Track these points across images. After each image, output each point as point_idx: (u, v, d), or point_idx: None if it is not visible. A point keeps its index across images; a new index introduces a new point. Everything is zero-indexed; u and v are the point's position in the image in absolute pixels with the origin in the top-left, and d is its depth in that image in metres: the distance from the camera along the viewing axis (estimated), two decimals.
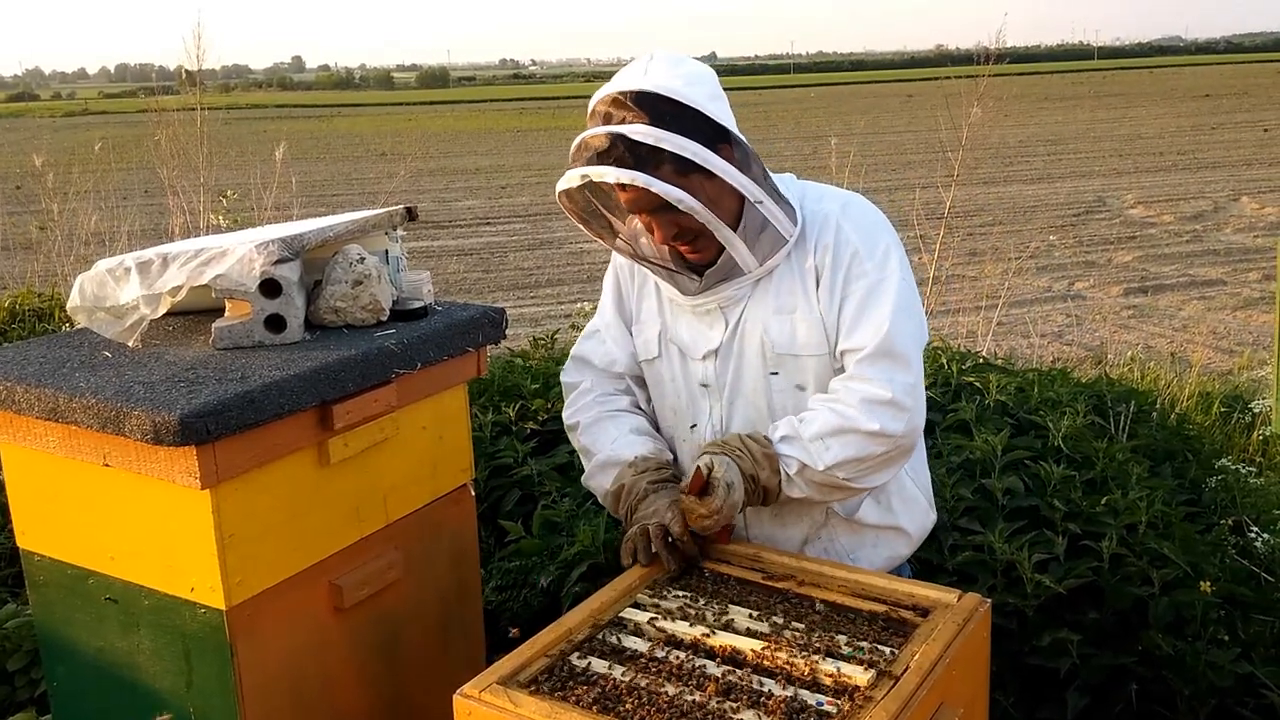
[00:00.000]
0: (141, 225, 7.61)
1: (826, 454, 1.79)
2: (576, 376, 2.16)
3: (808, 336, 1.88)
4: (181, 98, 7.16)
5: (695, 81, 1.77)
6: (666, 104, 1.73)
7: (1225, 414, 5.14)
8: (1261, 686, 2.45)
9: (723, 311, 1.93)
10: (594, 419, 2.09)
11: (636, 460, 1.98)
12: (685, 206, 1.74)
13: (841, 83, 63.53)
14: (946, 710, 1.52)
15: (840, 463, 1.79)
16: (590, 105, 1.81)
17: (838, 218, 1.88)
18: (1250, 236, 12.36)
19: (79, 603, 1.94)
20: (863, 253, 1.85)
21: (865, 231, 1.88)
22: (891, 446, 1.80)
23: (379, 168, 20.72)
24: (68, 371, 1.87)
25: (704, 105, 1.75)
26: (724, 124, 1.77)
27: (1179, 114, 28.85)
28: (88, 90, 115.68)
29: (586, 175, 1.77)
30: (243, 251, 1.94)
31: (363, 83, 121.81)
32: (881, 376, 1.80)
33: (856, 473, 1.81)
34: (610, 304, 2.13)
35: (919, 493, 2.04)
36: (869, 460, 1.80)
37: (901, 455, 1.84)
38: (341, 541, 1.96)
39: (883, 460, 1.82)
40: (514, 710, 1.45)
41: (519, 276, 11.68)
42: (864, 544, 1.99)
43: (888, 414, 1.78)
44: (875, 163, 17.77)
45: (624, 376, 2.12)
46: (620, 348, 2.11)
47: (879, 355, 1.81)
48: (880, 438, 1.79)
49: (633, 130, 1.71)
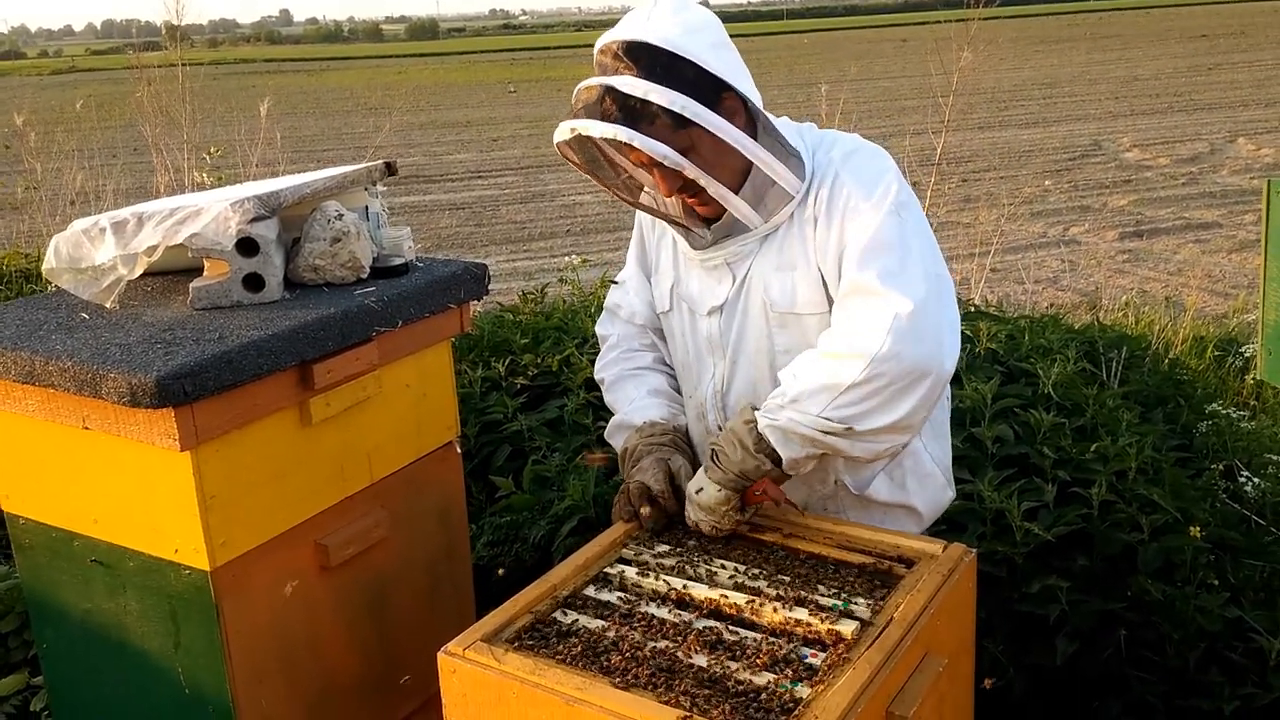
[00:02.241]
0: (127, 184, 7.53)
1: (796, 384, 1.69)
2: (607, 329, 2.16)
3: (808, 295, 1.82)
4: (165, 54, 7.05)
5: (694, 30, 1.69)
6: (660, 55, 1.66)
7: (1219, 358, 5.13)
8: (1250, 630, 2.46)
9: (730, 267, 1.89)
10: (616, 377, 2.09)
11: (644, 425, 1.97)
12: (671, 163, 1.68)
13: (835, 28, 62.83)
14: (931, 660, 1.52)
15: (810, 392, 1.66)
16: (594, 51, 1.75)
17: (837, 165, 1.79)
18: (1246, 178, 12.27)
19: (65, 565, 1.94)
20: (857, 195, 1.75)
21: (864, 175, 1.78)
22: (871, 370, 1.63)
23: (369, 121, 20.50)
24: (44, 334, 1.85)
25: (700, 56, 1.66)
26: (723, 76, 1.69)
27: (1175, 55, 28.53)
28: (75, 47, 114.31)
29: (575, 129, 1.72)
30: (218, 210, 1.92)
31: (351, 35, 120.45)
32: (863, 306, 1.68)
33: (838, 405, 1.65)
34: (634, 254, 2.12)
35: (936, 469, 1.99)
36: (849, 389, 1.64)
37: (896, 383, 1.64)
38: (326, 501, 1.95)
39: (870, 389, 1.64)
40: (498, 667, 1.45)
41: (511, 230, 11.58)
42: (870, 518, 1.93)
43: (861, 337, 1.64)
44: (869, 109, 17.61)
45: (646, 329, 2.12)
46: (640, 298, 2.10)
47: (859, 290, 1.70)
48: (850, 359, 1.64)
49: (621, 83, 1.65)
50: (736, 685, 1.39)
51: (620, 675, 1.42)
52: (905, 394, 1.66)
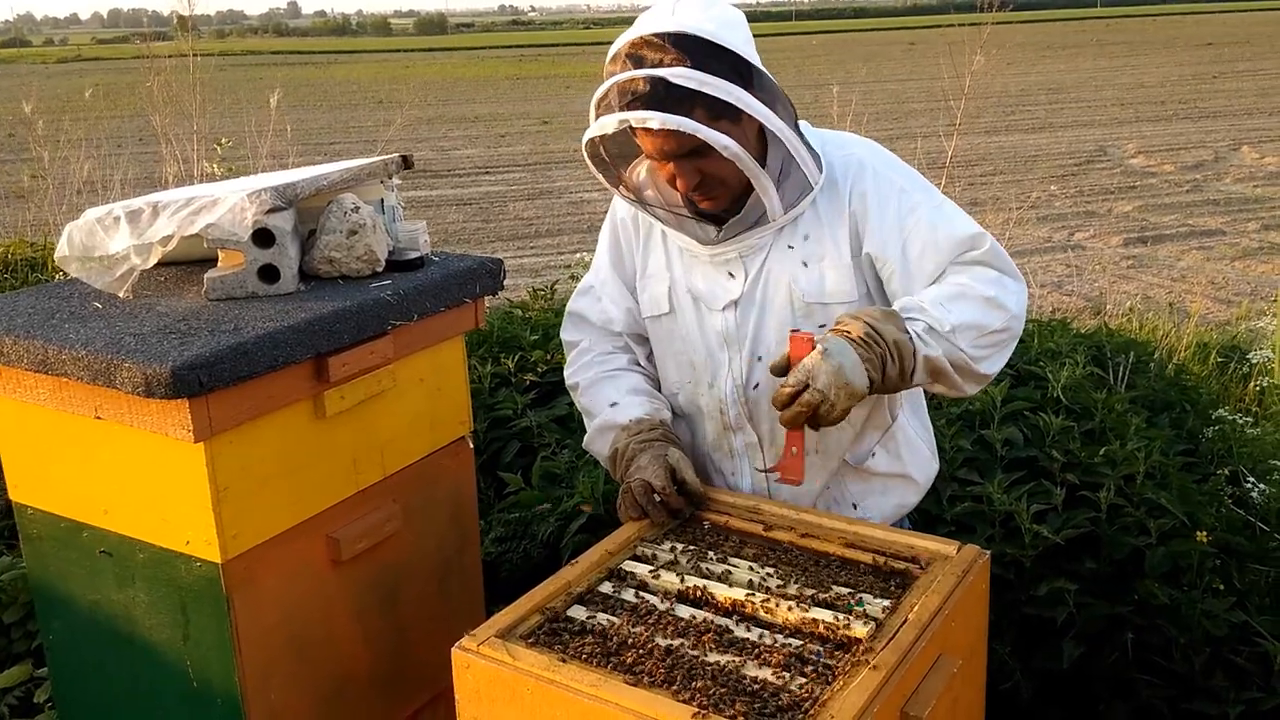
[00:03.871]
0: (135, 173, 7.52)
1: (949, 315, 1.71)
2: (575, 334, 2.13)
3: (837, 284, 1.84)
4: (174, 44, 7.04)
5: (731, 24, 1.72)
6: (705, 46, 1.68)
7: (1222, 364, 5.12)
8: (1256, 635, 2.46)
9: (743, 261, 1.89)
10: (592, 380, 2.06)
11: (630, 424, 1.95)
12: (729, 153, 1.69)
13: (843, 30, 62.78)
14: (946, 661, 1.52)
15: (963, 325, 1.71)
16: (613, 50, 1.74)
17: (871, 161, 1.86)
18: (1250, 186, 12.26)
19: (73, 556, 1.93)
20: (907, 187, 1.84)
21: (900, 169, 1.88)
22: (1007, 322, 1.75)
23: (376, 115, 20.48)
24: (57, 323, 1.84)
25: (740, 48, 1.71)
26: (758, 67, 1.73)
27: (1181, 63, 28.49)
28: (80, 36, 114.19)
29: (626, 120, 1.70)
30: (234, 200, 1.91)
31: (359, 29, 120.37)
32: (982, 265, 1.79)
33: (978, 344, 1.73)
34: (607, 260, 2.08)
35: (921, 442, 2.03)
36: (989, 332, 1.73)
37: (1012, 340, 1.79)
38: (339, 494, 1.94)
39: (999, 338, 1.76)
40: (512, 663, 1.44)
41: (518, 226, 11.57)
42: (872, 491, 1.97)
43: (1001, 286, 1.76)
44: (877, 111, 17.58)
45: (621, 335, 2.09)
46: (617, 306, 2.07)
47: (972, 255, 1.80)
48: (997, 308, 1.74)
49: (675, 74, 1.66)
50: (752, 684, 1.39)
51: (635, 673, 1.42)
52: (1009, 349, 1.81)
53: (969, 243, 1.80)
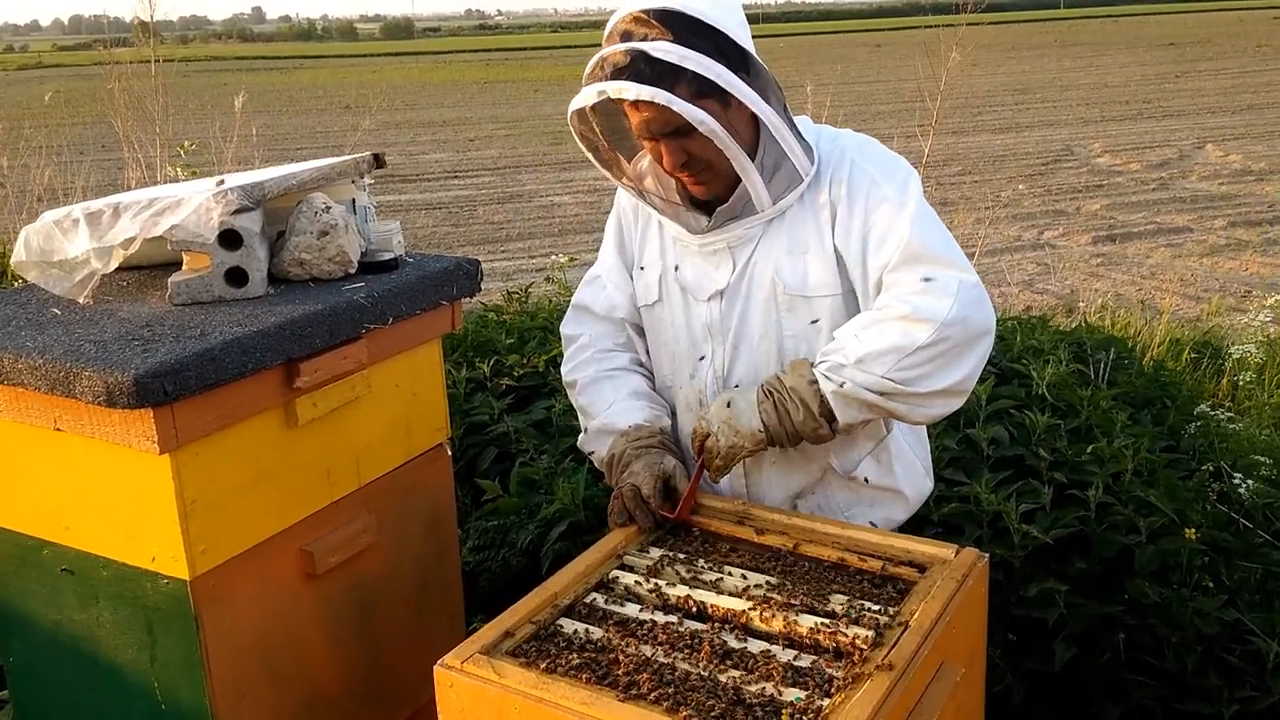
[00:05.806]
0: (97, 179, 7.38)
1: (859, 346, 1.68)
2: (576, 329, 2.08)
3: (820, 277, 1.81)
4: (136, 49, 6.91)
5: (725, 8, 1.69)
6: (693, 23, 1.65)
7: (1195, 360, 5.14)
8: (1248, 633, 2.44)
9: (731, 251, 1.86)
10: (591, 379, 2.01)
11: (629, 429, 1.91)
12: (705, 129, 1.65)
13: (810, 33, 63.05)
14: (948, 670, 1.47)
15: (875, 353, 1.66)
16: (608, 26, 1.72)
17: (852, 153, 1.82)
18: (1215, 184, 12.38)
19: (34, 574, 1.85)
20: (880, 179, 1.78)
21: (882, 163, 1.82)
22: (935, 334, 1.65)
23: (343, 120, 20.30)
24: (13, 330, 1.77)
25: (732, 30, 1.67)
26: (752, 53, 1.70)
27: (1144, 62, 28.80)
28: (41, 43, 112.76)
29: (604, 91, 1.67)
30: (199, 201, 1.84)
31: (325, 34, 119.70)
32: (914, 275, 1.71)
33: (902, 366, 1.66)
34: (612, 248, 2.06)
35: (915, 460, 2.00)
36: (913, 350, 1.65)
37: (955, 347, 1.67)
38: (312, 506, 1.88)
39: (932, 353, 1.66)
40: (499, 681, 1.38)
41: (489, 230, 11.49)
42: (860, 503, 1.94)
43: (925, 299, 1.67)
44: (847, 113, 17.56)
45: (625, 324, 2.05)
46: (621, 292, 2.04)
47: (908, 260, 1.72)
48: (917, 322, 1.66)
49: (654, 47, 1.63)
50: (750, 697, 1.33)
51: (626, 688, 1.36)
52: (964, 357, 1.70)
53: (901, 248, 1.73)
